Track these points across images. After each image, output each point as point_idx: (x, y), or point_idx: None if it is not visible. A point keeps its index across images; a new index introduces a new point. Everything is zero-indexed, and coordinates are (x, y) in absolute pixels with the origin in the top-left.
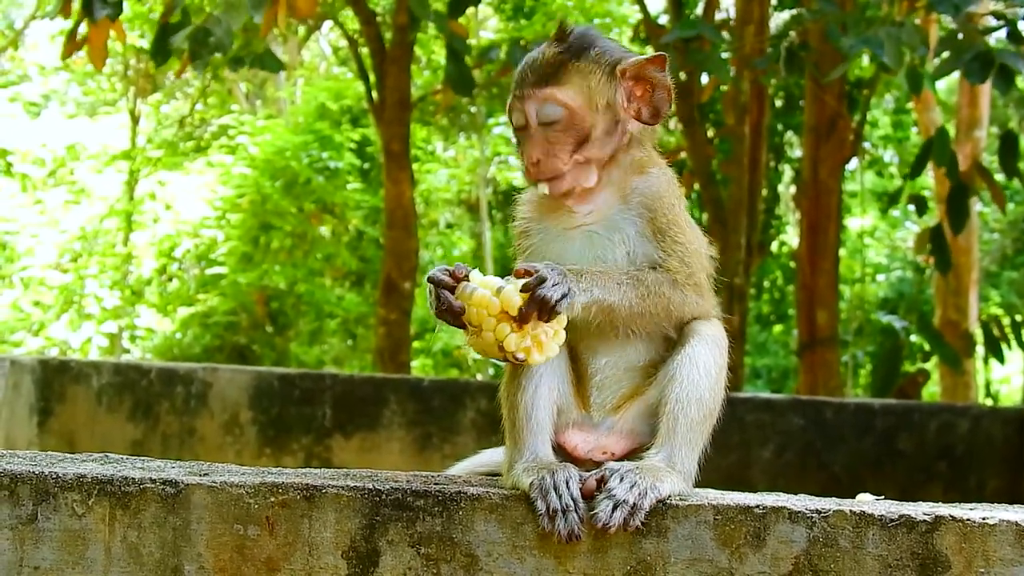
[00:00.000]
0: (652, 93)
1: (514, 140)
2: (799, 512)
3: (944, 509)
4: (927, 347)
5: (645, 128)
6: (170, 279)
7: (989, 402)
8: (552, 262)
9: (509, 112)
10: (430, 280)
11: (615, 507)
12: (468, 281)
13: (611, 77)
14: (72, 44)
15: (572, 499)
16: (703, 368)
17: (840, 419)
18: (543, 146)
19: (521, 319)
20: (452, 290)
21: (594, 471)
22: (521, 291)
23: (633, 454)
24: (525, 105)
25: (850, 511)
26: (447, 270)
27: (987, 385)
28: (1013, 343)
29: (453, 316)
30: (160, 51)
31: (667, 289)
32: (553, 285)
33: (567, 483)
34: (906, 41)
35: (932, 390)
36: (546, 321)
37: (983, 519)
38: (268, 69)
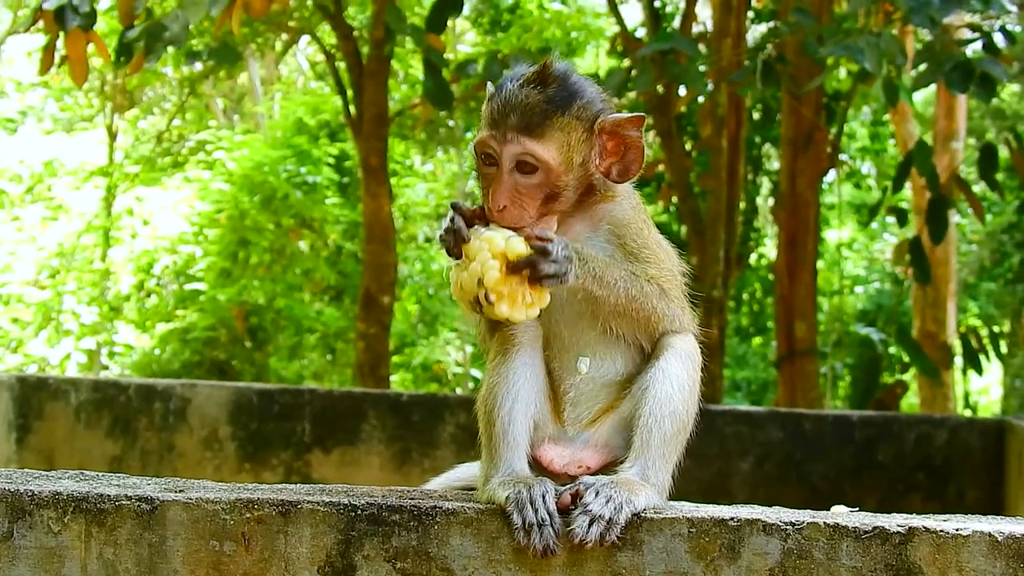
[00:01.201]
0: (625, 152)
1: (478, 170)
2: (773, 524)
3: (917, 520)
4: (906, 359)
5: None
6: (148, 295)
7: (968, 413)
8: (566, 241)
9: (480, 144)
10: (453, 206)
11: (591, 522)
12: (481, 226)
13: (589, 133)
14: (49, 58)
15: (548, 513)
16: (676, 382)
17: (819, 431)
18: (511, 194)
19: (511, 268)
20: (469, 224)
21: (569, 485)
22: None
23: (608, 468)
24: (503, 148)
25: (824, 523)
26: (473, 207)
27: (966, 396)
28: (991, 354)
29: (455, 243)
30: (124, 51)
31: (655, 298)
32: (553, 262)
33: (543, 497)
34: (885, 50)
35: (911, 402)
36: (531, 286)
37: (956, 530)
38: (225, 61)
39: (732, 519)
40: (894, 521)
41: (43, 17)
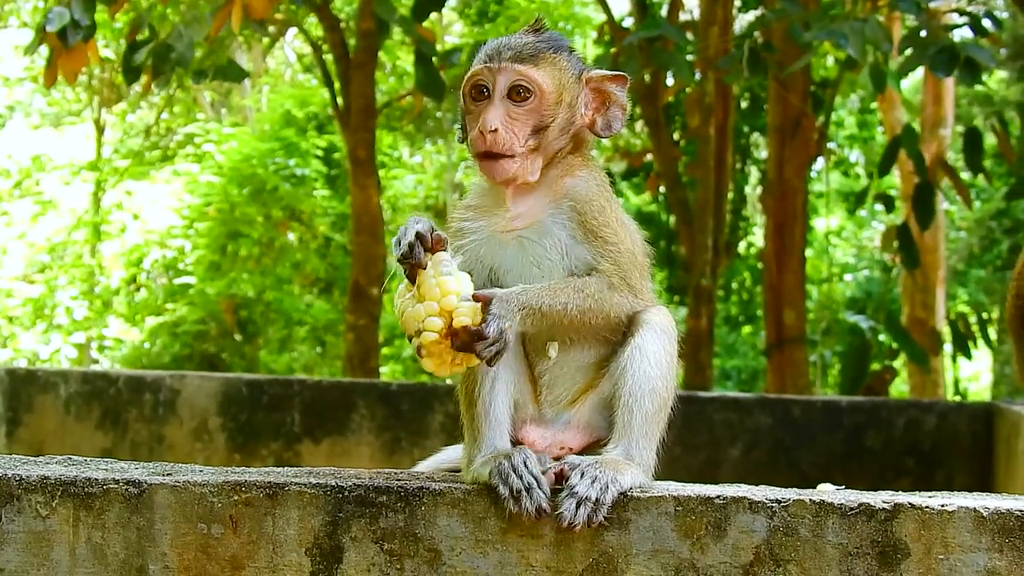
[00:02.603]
0: (608, 108)
1: (464, 110)
2: (759, 502)
3: (903, 497)
4: (895, 346)
5: (588, 136)
6: (138, 289)
7: (957, 399)
8: (503, 295)
9: (468, 80)
10: (417, 234)
11: (579, 504)
12: (444, 252)
13: (577, 80)
14: (53, 72)
15: (533, 476)
16: (654, 359)
17: (808, 416)
18: (504, 119)
19: (450, 334)
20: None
21: (553, 465)
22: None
23: (590, 448)
24: (497, 76)
25: (810, 500)
26: (433, 233)
27: (956, 383)
28: (980, 341)
29: (411, 269)
30: (130, 69)
31: (607, 294)
32: (490, 345)
33: (525, 463)
34: (870, 36)
35: (901, 389)
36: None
37: (942, 506)
38: (231, 79)
39: (718, 497)
40: (880, 498)
41: (47, 39)
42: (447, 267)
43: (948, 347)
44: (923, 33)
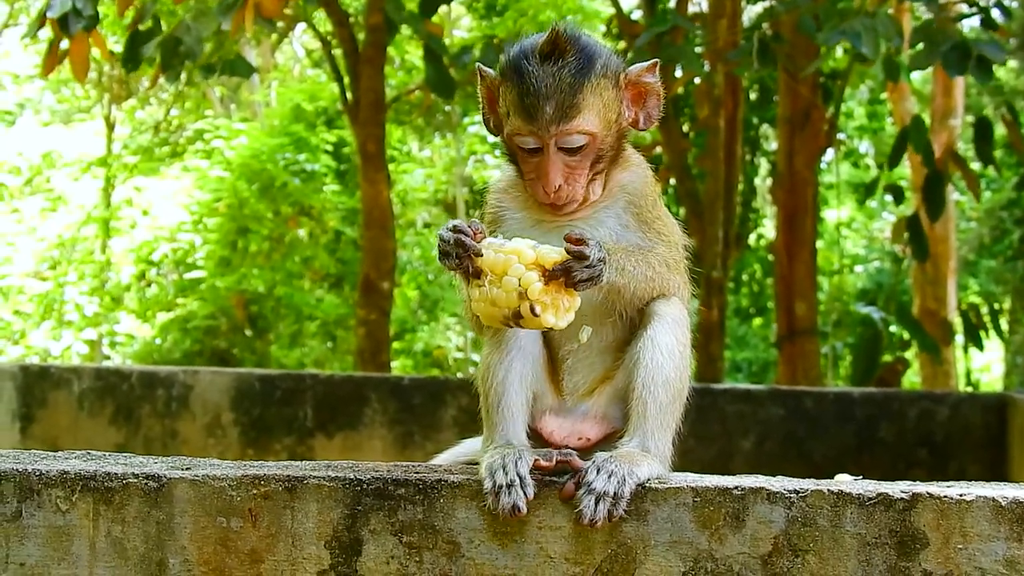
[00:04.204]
0: (645, 100)
1: (514, 157)
2: (777, 493)
3: (921, 487)
4: (906, 337)
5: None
6: (149, 285)
7: (969, 390)
8: (597, 240)
9: (519, 139)
10: (454, 229)
11: (597, 500)
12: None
13: (615, 88)
14: (53, 59)
15: (518, 475)
16: (666, 349)
17: (820, 408)
18: (564, 172)
19: (550, 276)
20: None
21: (556, 452)
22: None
23: (608, 439)
24: (546, 138)
25: (828, 490)
26: (470, 224)
27: (967, 374)
28: (992, 331)
29: (467, 258)
30: (132, 58)
31: (666, 273)
32: (588, 266)
33: (516, 462)
34: (881, 31)
35: (912, 380)
36: (566, 291)
37: (960, 496)
38: (239, 75)
39: (736, 488)
40: (898, 488)
41: (48, 24)
42: (500, 240)
43: (959, 338)
44: (933, 26)
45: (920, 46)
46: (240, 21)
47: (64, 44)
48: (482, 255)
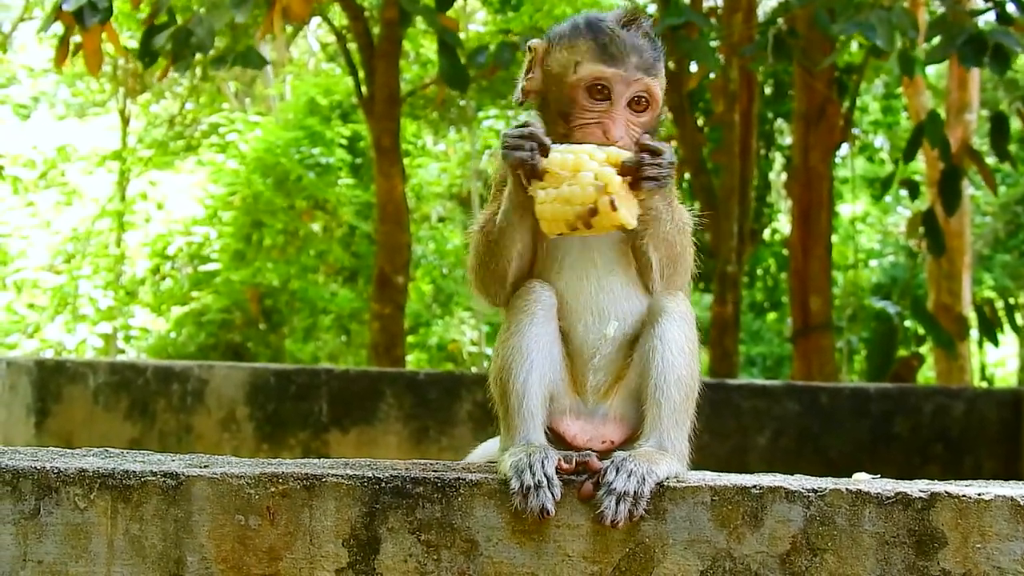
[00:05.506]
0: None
1: (573, 102)
2: (796, 491)
3: (940, 486)
4: (921, 331)
5: None
6: (163, 278)
7: (984, 385)
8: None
9: (599, 78)
10: (525, 124)
11: (618, 500)
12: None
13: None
14: (64, 51)
15: (545, 475)
16: (676, 347)
17: (835, 404)
18: (626, 127)
19: (623, 171)
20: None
21: (575, 454)
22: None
23: (630, 441)
24: (626, 84)
25: (846, 489)
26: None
27: (982, 368)
28: (1007, 326)
29: (536, 155)
30: (147, 52)
31: (687, 238)
32: (659, 165)
33: (542, 462)
34: (897, 24)
35: (927, 375)
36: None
37: (979, 495)
38: (252, 66)
39: (755, 487)
40: (916, 487)
41: (62, 17)
42: (575, 146)
43: (974, 333)
44: (948, 19)
45: (936, 40)
46: (269, 25)
47: (76, 38)
48: (549, 153)
